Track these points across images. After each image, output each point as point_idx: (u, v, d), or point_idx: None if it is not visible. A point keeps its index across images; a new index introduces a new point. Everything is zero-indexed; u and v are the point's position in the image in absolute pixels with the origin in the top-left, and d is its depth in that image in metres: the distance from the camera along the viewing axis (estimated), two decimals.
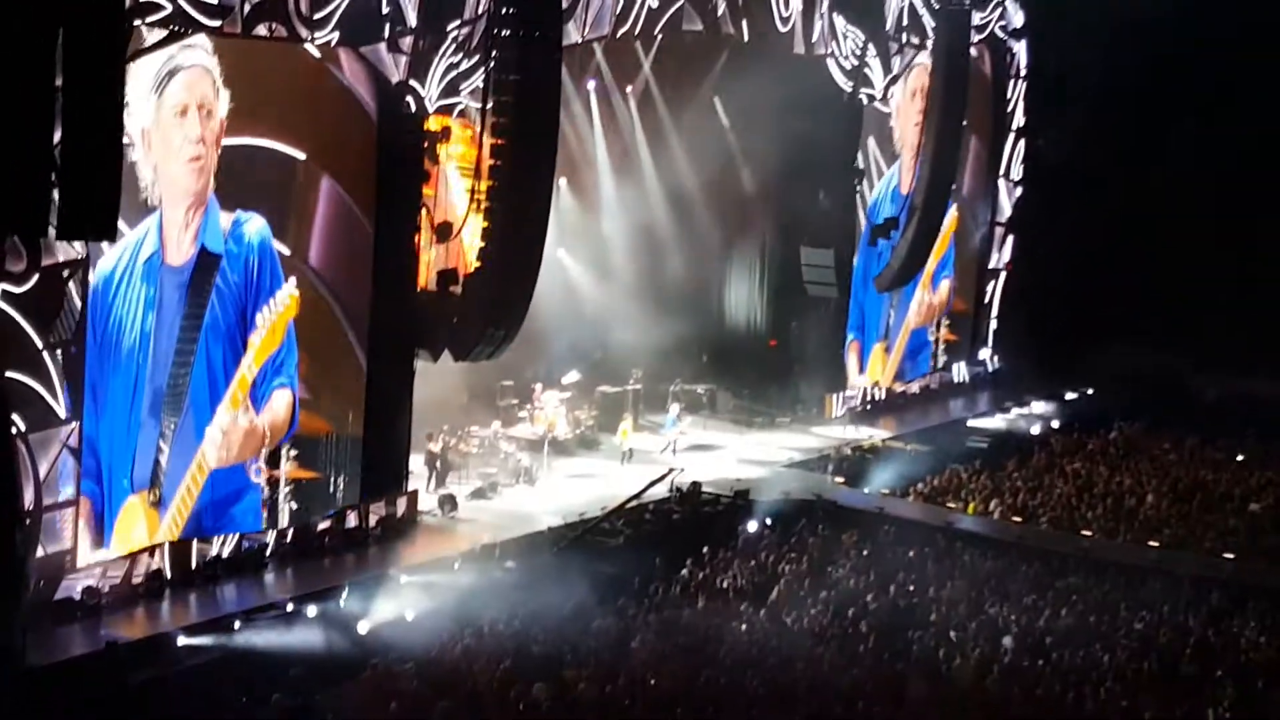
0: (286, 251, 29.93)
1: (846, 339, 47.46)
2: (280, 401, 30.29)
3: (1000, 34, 51.30)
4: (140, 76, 26.48)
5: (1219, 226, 53.63)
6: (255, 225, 29.14)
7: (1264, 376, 50.57)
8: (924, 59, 46.43)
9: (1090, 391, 52.14)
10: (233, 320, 29.00)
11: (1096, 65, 52.04)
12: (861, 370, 48.29)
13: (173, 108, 27.35)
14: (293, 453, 30.80)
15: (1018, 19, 52.14)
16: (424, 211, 32.50)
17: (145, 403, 27.59)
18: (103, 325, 26.64)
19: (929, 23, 46.35)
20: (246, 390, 29.50)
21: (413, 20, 31.34)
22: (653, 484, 36.30)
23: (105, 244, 26.03)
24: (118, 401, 27.14)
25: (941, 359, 52.30)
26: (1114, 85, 52.42)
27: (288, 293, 30.12)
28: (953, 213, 50.48)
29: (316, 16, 29.26)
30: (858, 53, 44.78)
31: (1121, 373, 52.30)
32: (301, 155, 29.89)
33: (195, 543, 28.89)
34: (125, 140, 25.17)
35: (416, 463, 34.57)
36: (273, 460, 30.22)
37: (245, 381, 29.46)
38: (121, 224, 25.77)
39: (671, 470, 37.35)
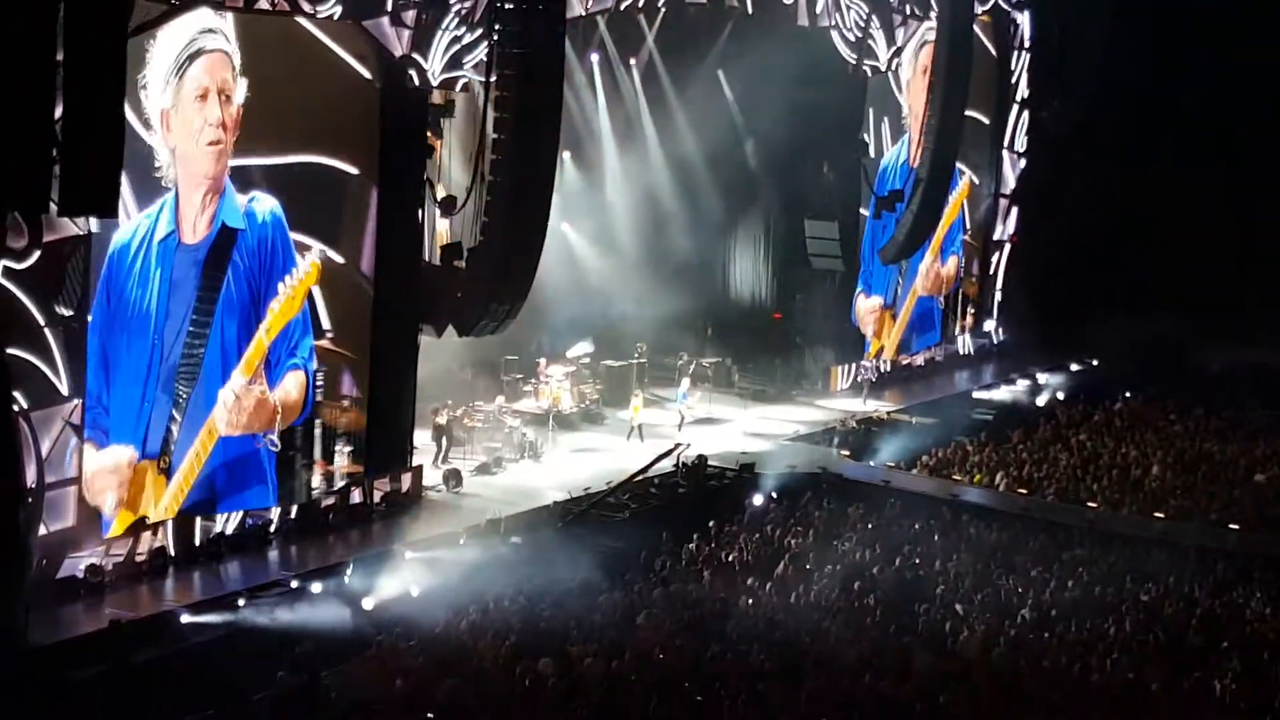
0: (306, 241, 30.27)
1: (854, 291, 47.24)
2: (293, 382, 30.34)
3: (1004, 5, 51.06)
4: (160, 59, 26.67)
5: (1224, 197, 53.57)
6: (268, 204, 29.27)
7: (1267, 347, 50.50)
8: (928, 30, 46.21)
9: (1095, 363, 52.04)
10: (246, 297, 29.11)
11: (1100, 35, 51.97)
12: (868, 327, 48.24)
13: (193, 91, 27.51)
14: (348, 448, 31.39)
15: None
16: (428, 185, 32.42)
17: (160, 377, 27.71)
18: (117, 300, 26.79)
19: None
20: (262, 357, 29.62)
21: None
22: (659, 459, 36.24)
23: (121, 219, 26.13)
24: (131, 375, 27.25)
25: (966, 321, 52.26)
26: (1117, 55, 52.28)
27: (310, 260, 30.31)
28: (964, 182, 50.46)
29: None
30: (861, 24, 44.62)
31: (1126, 344, 52.23)
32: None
33: (199, 520, 28.84)
34: (143, 122, 25.71)
35: (422, 437, 34.51)
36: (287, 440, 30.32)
37: (261, 347, 29.59)
38: (134, 203, 26.36)
39: (678, 445, 37.28)
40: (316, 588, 27.79)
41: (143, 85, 26.43)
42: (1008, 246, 54.35)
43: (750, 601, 27.67)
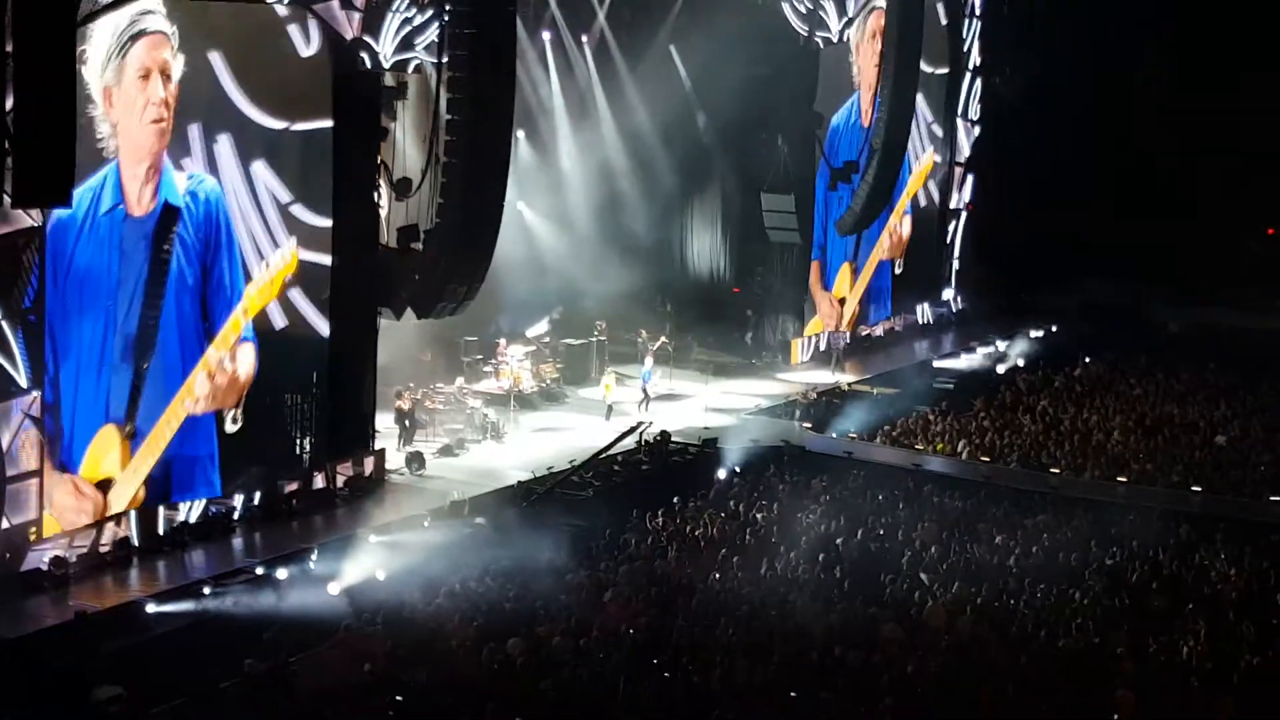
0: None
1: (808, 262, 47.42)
2: (248, 355, 30.24)
3: None
4: (101, 36, 26.51)
5: (1177, 159, 53.87)
6: (209, 184, 29.16)
7: (1224, 306, 50.83)
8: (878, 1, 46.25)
9: (1054, 329, 52.24)
10: (196, 272, 29.03)
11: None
12: (827, 287, 48.19)
13: (136, 70, 27.40)
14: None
15: None
16: (382, 168, 32.32)
17: (118, 346, 27.72)
18: (65, 271, 26.62)
19: None
20: (238, 334, 29.75)
21: None
22: (622, 437, 36.24)
23: None
24: (88, 343, 27.21)
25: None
26: (1069, 17, 52.55)
27: (289, 249, 30.51)
28: (931, 153, 50.71)
29: None
30: None
31: (1084, 309, 52.52)
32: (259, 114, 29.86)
33: (162, 509, 28.75)
34: (84, 96, 25.61)
35: (384, 421, 34.45)
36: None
37: (237, 325, 29.74)
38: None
39: (641, 424, 37.28)
40: (282, 574, 27.73)
41: (83, 61, 26.02)
42: (964, 214, 54.48)
43: (717, 576, 27.67)
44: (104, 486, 27.79)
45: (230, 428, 29.90)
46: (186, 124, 28.56)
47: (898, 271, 51.50)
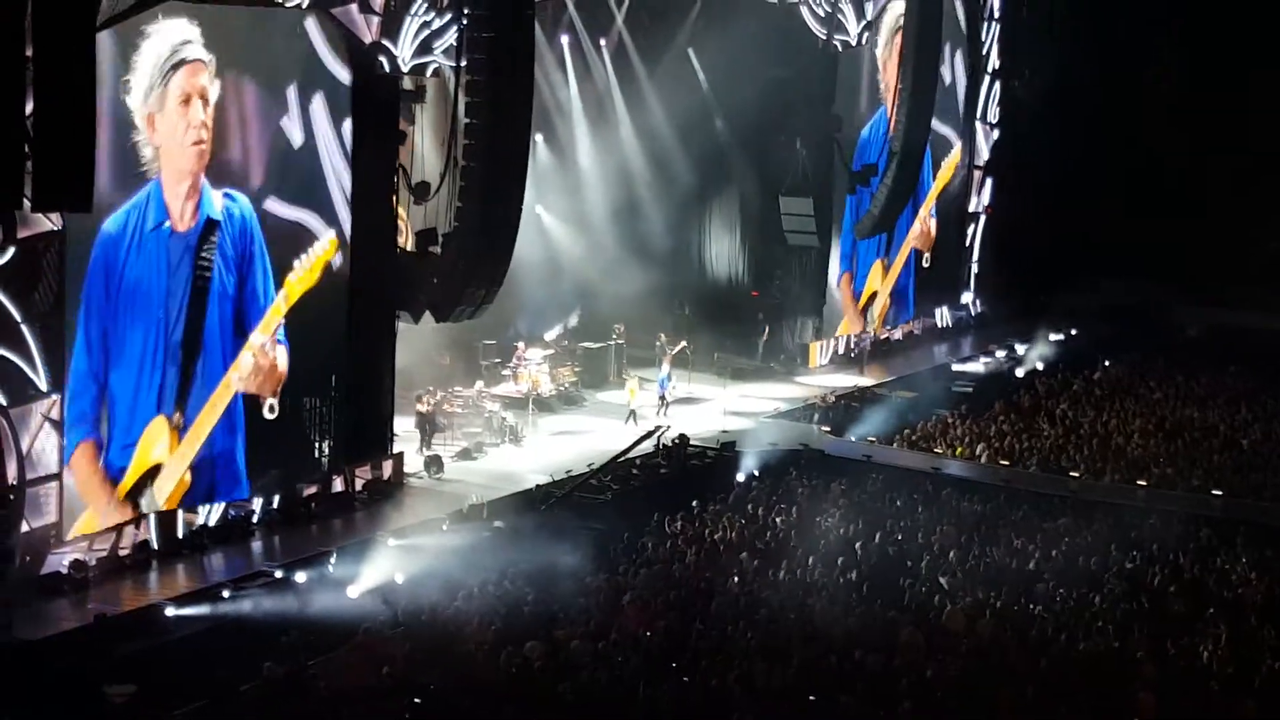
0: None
1: (838, 275, 47.43)
2: (283, 352, 30.68)
3: None
4: (144, 67, 27.42)
5: (1197, 161, 53.77)
6: (244, 202, 29.78)
7: (1244, 309, 50.70)
8: (898, 4, 46.21)
9: (1074, 332, 52.13)
10: (234, 281, 29.74)
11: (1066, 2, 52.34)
12: (856, 294, 48.30)
13: (177, 97, 28.09)
14: None
15: None
16: (401, 172, 32.35)
17: (167, 350, 28.53)
18: (117, 285, 27.54)
19: None
20: (280, 318, 30.39)
21: None
22: (639, 441, 36.21)
23: (100, 209, 26.42)
24: (138, 349, 28.03)
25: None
26: (1087, 18, 52.49)
27: (328, 237, 31.09)
28: (956, 150, 50.76)
29: None
30: None
31: (1104, 312, 52.43)
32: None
33: (181, 513, 28.79)
34: (129, 122, 26.90)
35: (403, 425, 34.46)
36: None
37: (279, 310, 30.40)
38: (118, 193, 27.13)
39: (658, 428, 37.26)
40: (301, 577, 27.75)
41: (127, 90, 27.06)
42: (983, 218, 54.42)
43: (735, 580, 27.64)
44: (152, 474, 28.29)
45: (268, 415, 30.31)
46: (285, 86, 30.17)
47: (925, 265, 51.41)
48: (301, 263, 30.70)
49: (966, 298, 54.19)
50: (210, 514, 29.38)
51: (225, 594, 26.80)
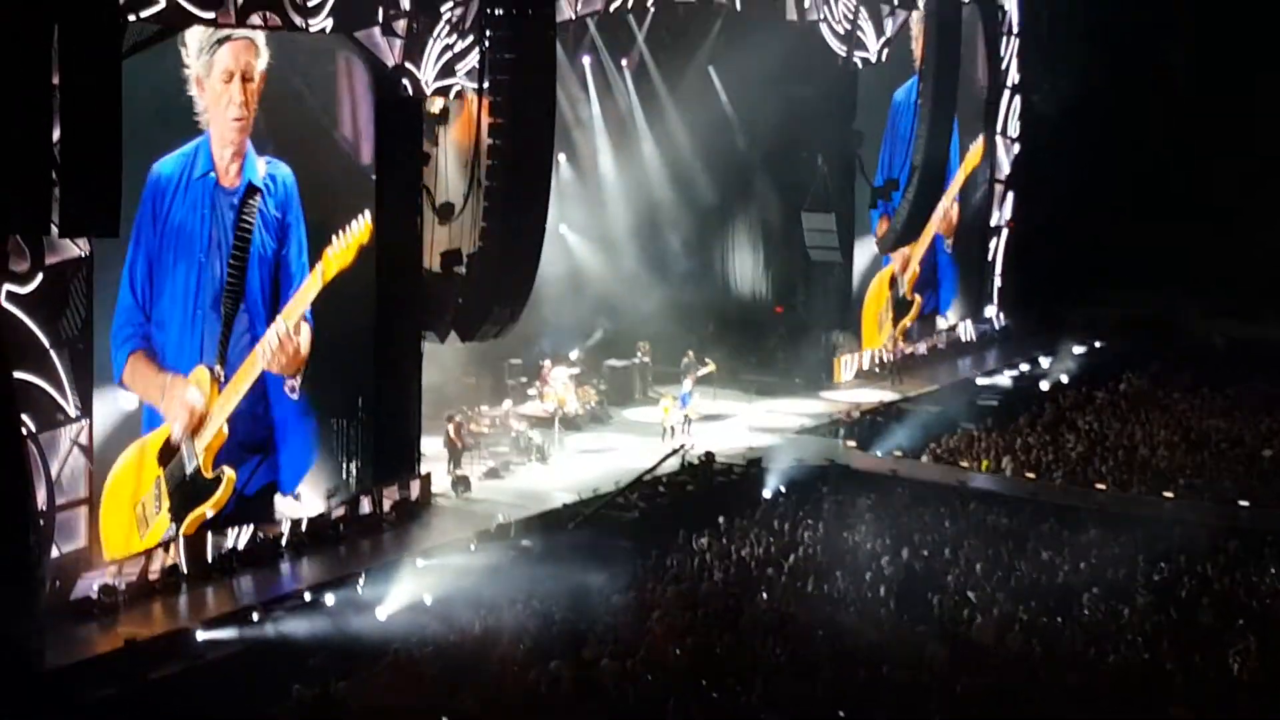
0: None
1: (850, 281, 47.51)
2: (306, 332, 30.79)
3: None
4: (192, 37, 27.73)
5: (1220, 170, 53.65)
6: (285, 169, 30.04)
7: (1269, 322, 50.55)
8: (916, 20, 46.26)
9: (1098, 344, 52.02)
10: (274, 246, 30.03)
11: (1087, 15, 52.28)
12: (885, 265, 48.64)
13: (220, 73, 28.36)
14: None
15: None
16: (425, 193, 32.48)
17: (208, 297, 28.80)
18: (164, 222, 27.98)
19: None
20: (313, 293, 30.57)
21: (406, 3, 31.29)
22: (664, 459, 36.23)
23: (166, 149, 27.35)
24: (183, 290, 28.39)
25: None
26: (1105, 32, 52.47)
27: (364, 221, 31.19)
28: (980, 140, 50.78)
29: (310, 3, 29.20)
30: (850, 16, 44.67)
31: (1127, 324, 52.34)
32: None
33: (210, 535, 28.88)
34: (185, 77, 27.41)
35: (431, 445, 34.51)
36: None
37: (313, 285, 30.62)
38: (174, 136, 27.78)
39: (682, 446, 37.27)
40: (330, 599, 27.80)
41: (183, 43, 27.55)
42: (1005, 232, 54.39)
43: (763, 596, 27.70)
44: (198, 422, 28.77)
45: (291, 396, 30.42)
46: None
47: (948, 250, 51.34)
48: (338, 240, 30.82)
49: (990, 311, 54.14)
50: (239, 537, 29.46)
51: (255, 617, 26.84)
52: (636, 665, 23.94)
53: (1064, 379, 47.87)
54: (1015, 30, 52.86)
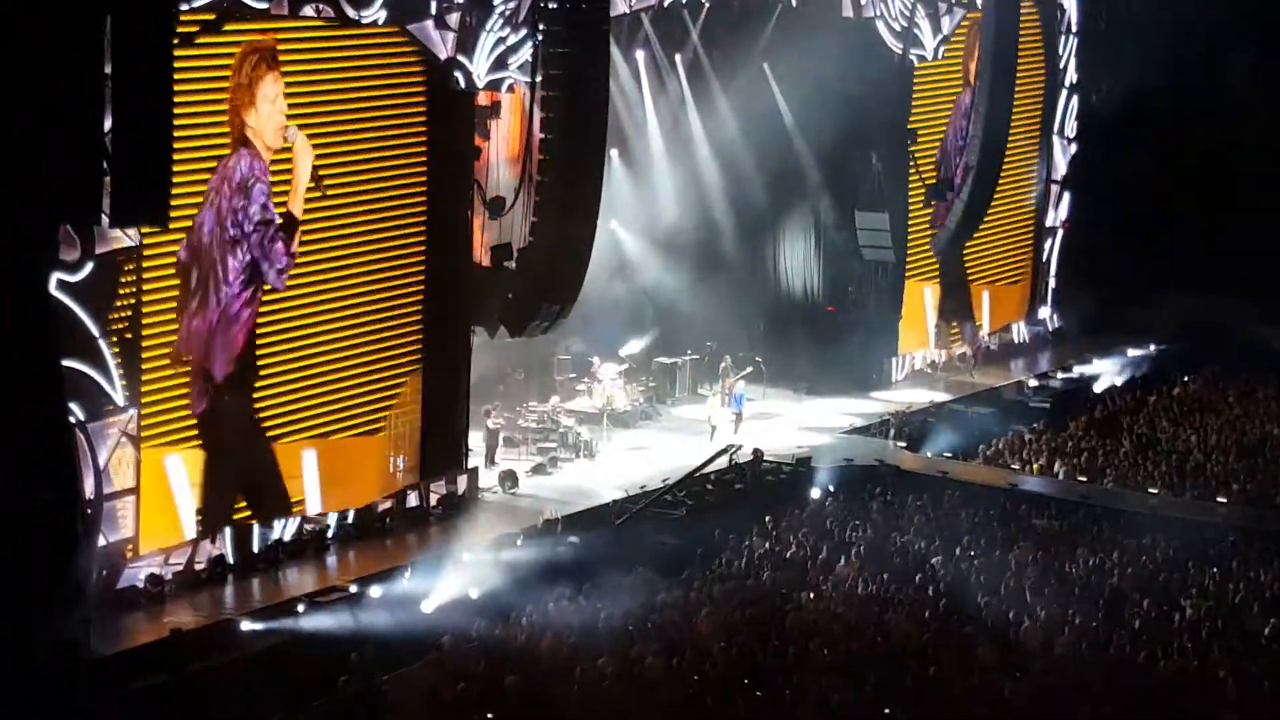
0: None
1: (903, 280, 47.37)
2: None
3: None
4: None
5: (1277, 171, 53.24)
6: None
7: None
8: (971, 30, 46.02)
9: (1152, 347, 51.67)
10: None
11: (1146, 15, 51.92)
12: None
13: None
14: None
15: None
16: (476, 187, 32.43)
17: None
18: None
19: None
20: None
21: None
22: (713, 458, 36.08)
23: None
24: None
25: None
26: (1164, 32, 52.07)
27: None
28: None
29: None
30: (906, 13, 44.41)
31: (1183, 327, 51.93)
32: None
33: (256, 527, 28.89)
34: None
35: (477, 440, 34.48)
36: None
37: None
38: None
39: (730, 446, 37.12)
40: (376, 592, 27.80)
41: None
42: (1060, 233, 54.07)
43: (811, 595, 27.58)
44: None
45: None
46: None
47: None
48: None
49: (1044, 313, 53.81)
50: (285, 529, 29.46)
51: (300, 609, 26.86)
52: (683, 663, 23.86)
53: (1117, 382, 47.55)
54: (1074, 29, 52.52)
